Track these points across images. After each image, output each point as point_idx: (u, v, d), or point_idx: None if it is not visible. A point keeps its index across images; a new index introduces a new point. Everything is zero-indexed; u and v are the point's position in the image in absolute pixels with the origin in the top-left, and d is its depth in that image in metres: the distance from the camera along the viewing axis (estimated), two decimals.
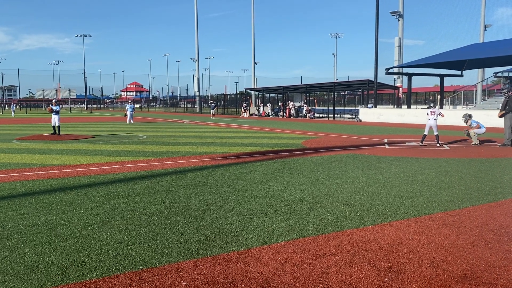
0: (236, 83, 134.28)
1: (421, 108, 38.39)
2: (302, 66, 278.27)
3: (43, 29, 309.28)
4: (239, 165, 10.64)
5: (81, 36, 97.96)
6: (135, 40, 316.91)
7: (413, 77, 38.87)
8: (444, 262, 4.28)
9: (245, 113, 50.65)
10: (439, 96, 32.20)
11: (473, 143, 15.54)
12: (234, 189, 7.69)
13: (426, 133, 15.18)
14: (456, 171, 9.71)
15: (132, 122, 32.66)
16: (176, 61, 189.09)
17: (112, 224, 5.55)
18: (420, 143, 15.08)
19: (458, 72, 39.70)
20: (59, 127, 20.39)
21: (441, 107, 39.05)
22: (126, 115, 33.87)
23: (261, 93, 59.99)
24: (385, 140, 17.35)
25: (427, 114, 15.09)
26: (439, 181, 8.46)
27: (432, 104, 15.54)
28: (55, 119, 20.14)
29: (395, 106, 42.60)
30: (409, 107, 38.38)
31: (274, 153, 13.14)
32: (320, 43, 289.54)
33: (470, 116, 16.14)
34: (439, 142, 15.05)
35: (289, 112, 45.84)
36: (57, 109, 20.33)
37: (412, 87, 39.78)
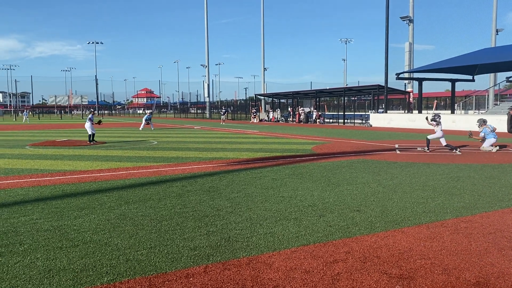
0: (245, 88, 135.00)
1: (433, 114, 38.04)
2: (312, 72, 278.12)
3: (56, 36, 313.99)
4: (248, 170, 10.65)
5: (92, 43, 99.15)
6: (146, 47, 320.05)
7: (424, 82, 38.61)
8: (456, 269, 4.23)
9: (255, 119, 50.73)
10: (436, 101, 31.82)
11: (484, 147, 15.34)
12: (244, 195, 7.69)
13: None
14: (468, 176, 9.61)
15: (143, 128, 32.27)
16: (187, 67, 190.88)
17: (123, 229, 5.59)
18: (426, 148, 15.05)
19: (470, 77, 39.34)
20: (91, 135, 20.15)
21: (453, 112, 38.70)
22: (147, 121, 32.57)
23: (271, 99, 60.05)
24: (396, 146, 17.23)
25: (435, 126, 15.03)
26: (451, 187, 8.38)
27: (434, 115, 16.02)
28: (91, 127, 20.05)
29: (406, 111, 42.32)
30: (420, 112, 38.09)
31: (284, 159, 13.12)
32: (329, 49, 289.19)
33: (484, 122, 15.72)
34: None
35: (299, 118, 45.80)
36: (91, 118, 20.61)
37: (423, 92, 39.52)
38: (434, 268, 4.26)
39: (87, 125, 20.08)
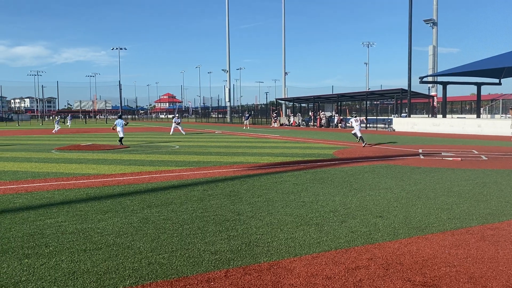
0: (266, 93, 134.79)
1: (457, 118, 37.36)
2: (333, 76, 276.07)
3: (81, 42, 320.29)
4: (269, 175, 10.63)
5: (116, 49, 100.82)
6: (168, 52, 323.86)
7: (448, 86, 37.92)
8: (483, 277, 4.12)
9: (276, 123, 50.70)
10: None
11: None
12: (264, 199, 7.68)
13: (359, 135, 19.63)
14: (495, 182, 9.37)
15: (170, 133, 32.51)
16: (208, 72, 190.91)
17: (145, 233, 5.65)
18: (363, 144, 19.06)
19: (496, 80, 38.45)
20: (121, 138, 21.58)
21: (478, 116, 37.88)
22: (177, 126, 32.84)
23: (292, 103, 59.94)
24: (420, 151, 16.94)
25: (355, 121, 19.95)
26: (477, 193, 8.18)
27: (354, 114, 21.64)
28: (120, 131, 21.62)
29: (430, 115, 41.61)
30: (444, 116, 37.42)
31: (305, 163, 13.06)
32: (351, 52, 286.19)
33: None
34: (364, 141, 19.31)
35: (320, 122, 45.55)
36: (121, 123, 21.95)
37: (447, 96, 38.80)
38: (459, 276, 4.16)
39: (119, 128, 21.63)
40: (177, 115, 36.03)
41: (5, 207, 7.22)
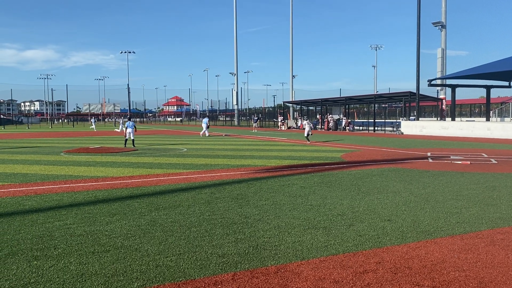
0: (274, 96, 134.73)
1: (466, 121, 37.06)
2: (341, 79, 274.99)
3: (90, 46, 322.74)
4: (277, 178, 10.62)
5: (125, 52, 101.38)
6: (176, 56, 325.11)
7: (457, 89, 37.64)
8: (493, 282, 4.08)
9: (283, 126, 50.67)
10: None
11: None
12: (272, 203, 7.67)
13: (306, 134, 24.25)
14: (505, 186, 9.27)
15: (206, 134, 32.81)
16: (216, 76, 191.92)
17: (153, 235, 5.67)
18: (308, 142, 23.44)
19: (506, 83, 38.09)
20: (133, 140, 21.73)
21: (488, 119, 37.56)
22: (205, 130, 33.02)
23: (299, 106, 59.88)
24: (428, 154, 16.83)
25: (304, 123, 25.36)
26: (486, 197, 8.10)
27: (306, 118, 28.69)
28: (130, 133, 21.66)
29: (439, 118, 41.34)
30: (453, 119, 37.14)
31: (313, 167, 13.03)
32: (359, 55, 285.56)
33: None
34: (309, 140, 23.94)
35: (328, 125, 45.45)
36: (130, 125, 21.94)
37: (456, 98, 38.53)
38: (469, 281, 4.12)
39: (130, 130, 21.60)
40: (207, 119, 35.50)
41: (15, 209, 7.29)
